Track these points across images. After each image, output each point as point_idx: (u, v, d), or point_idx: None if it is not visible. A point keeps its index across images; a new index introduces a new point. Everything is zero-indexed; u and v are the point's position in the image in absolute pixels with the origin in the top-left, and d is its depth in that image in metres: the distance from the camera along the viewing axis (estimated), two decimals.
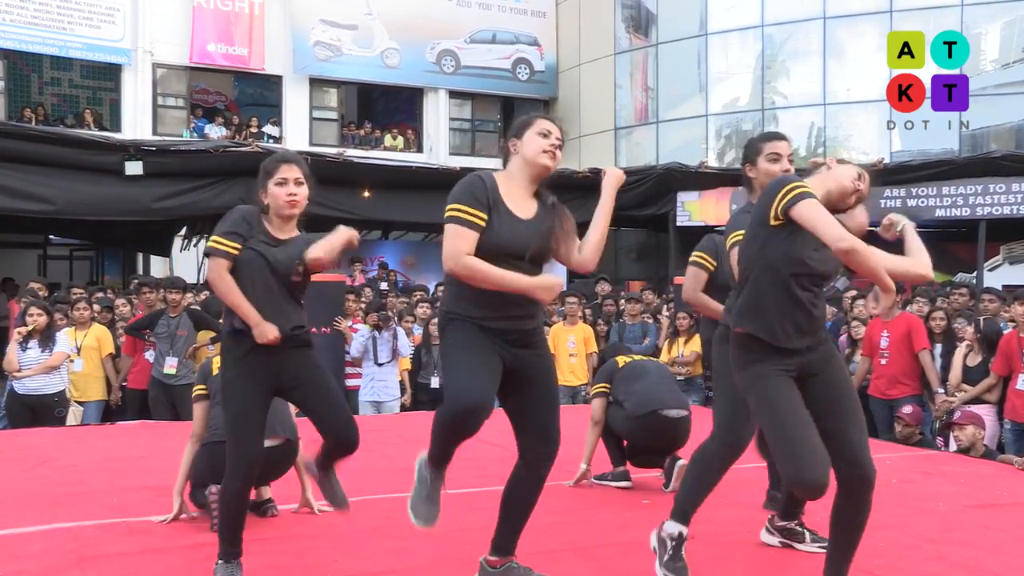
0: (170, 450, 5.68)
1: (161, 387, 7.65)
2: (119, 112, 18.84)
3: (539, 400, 3.09)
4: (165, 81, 19.40)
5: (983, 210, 12.97)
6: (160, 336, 7.70)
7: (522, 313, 3.04)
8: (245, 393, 3.19)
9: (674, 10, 19.73)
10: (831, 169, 3.14)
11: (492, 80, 21.90)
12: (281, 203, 3.42)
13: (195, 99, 19.86)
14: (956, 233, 15.51)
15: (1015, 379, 6.46)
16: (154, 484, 4.77)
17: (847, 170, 3.14)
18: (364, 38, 20.40)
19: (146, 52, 18.63)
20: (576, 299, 9.22)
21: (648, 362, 5.13)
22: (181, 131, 18.92)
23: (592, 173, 15.10)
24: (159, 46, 18.77)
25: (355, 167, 13.42)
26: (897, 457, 5.92)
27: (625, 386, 4.90)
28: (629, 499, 4.69)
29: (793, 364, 3.00)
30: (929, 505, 4.63)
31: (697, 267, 4.23)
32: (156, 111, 19.10)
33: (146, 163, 11.52)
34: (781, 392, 2.94)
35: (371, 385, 8.15)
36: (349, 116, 21.72)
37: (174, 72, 19.41)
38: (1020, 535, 4.17)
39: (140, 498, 4.59)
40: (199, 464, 4.14)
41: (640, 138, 20.72)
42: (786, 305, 2.97)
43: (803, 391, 3.00)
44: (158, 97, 19.20)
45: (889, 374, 7.15)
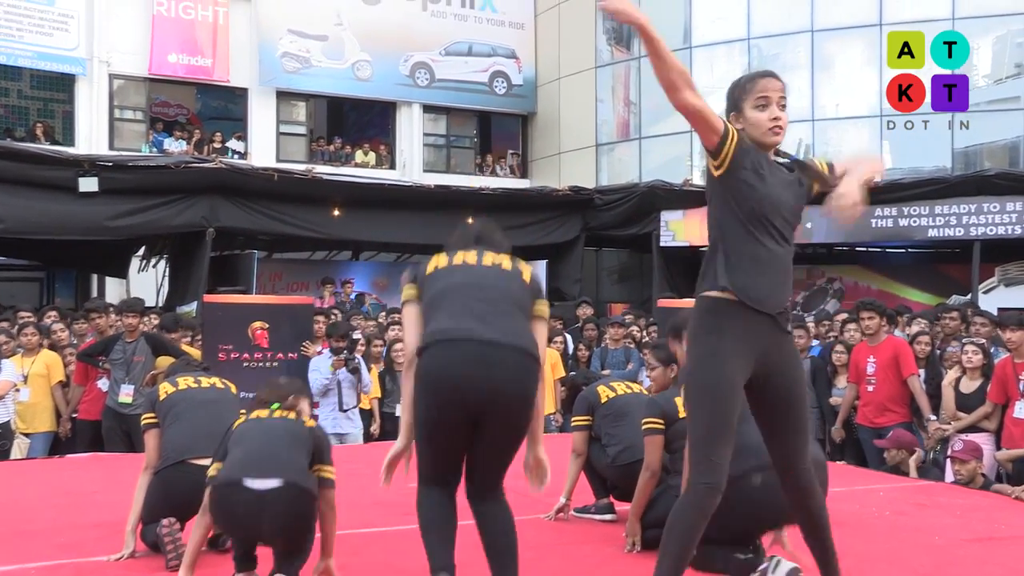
0: (125, 484, 5.60)
1: (116, 417, 7.55)
2: (73, 125, 18.72)
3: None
4: (122, 93, 19.31)
5: (977, 230, 13.13)
6: (115, 362, 7.61)
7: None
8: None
9: (657, 22, 19.12)
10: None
11: (468, 94, 21.99)
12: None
13: (155, 112, 19.79)
14: (950, 254, 15.71)
15: (1012, 407, 6.52)
16: (107, 520, 4.70)
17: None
18: (334, 49, 20.44)
19: (102, 62, 18.54)
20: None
21: (632, 398, 5.03)
22: (140, 145, 18.83)
23: (572, 191, 15.19)
24: (116, 55, 18.68)
25: (324, 184, 13.39)
26: (891, 488, 5.95)
27: (608, 427, 4.86)
28: (612, 532, 4.67)
29: (756, 345, 3.04)
30: (924, 538, 4.65)
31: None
32: (113, 124, 19.00)
33: (102, 179, 11.41)
34: (724, 384, 3.01)
35: (332, 416, 8.05)
36: (318, 131, 21.70)
37: (132, 83, 19.33)
38: (1018, 570, 4.19)
39: (91, 536, 4.52)
40: (152, 497, 4.08)
41: (622, 154, 20.85)
42: (755, 261, 3.05)
43: (759, 389, 3.12)
44: (115, 109, 19.10)
45: (877, 401, 7.19)
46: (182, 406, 4.26)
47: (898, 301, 14.19)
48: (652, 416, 4.32)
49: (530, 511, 3.27)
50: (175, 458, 4.09)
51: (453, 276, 3.34)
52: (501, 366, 3.10)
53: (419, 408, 3.18)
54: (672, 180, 15.48)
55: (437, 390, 3.12)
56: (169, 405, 4.27)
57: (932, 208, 13.42)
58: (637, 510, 4.33)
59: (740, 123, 3.22)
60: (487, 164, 22.61)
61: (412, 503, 3.27)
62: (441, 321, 3.19)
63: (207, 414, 4.19)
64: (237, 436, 3.62)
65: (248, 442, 3.55)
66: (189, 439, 4.10)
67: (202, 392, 4.40)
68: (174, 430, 4.18)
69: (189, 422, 4.18)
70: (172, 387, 4.38)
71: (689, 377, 3.14)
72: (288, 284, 15.72)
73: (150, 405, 4.31)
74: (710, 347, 3.04)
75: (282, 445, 3.57)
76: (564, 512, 4.94)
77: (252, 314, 8.28)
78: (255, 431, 3.61)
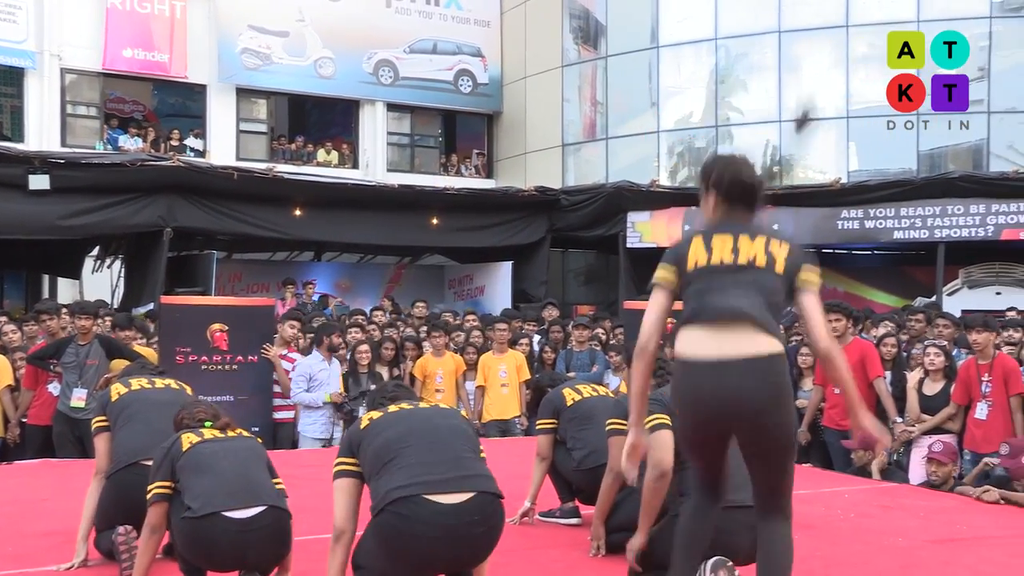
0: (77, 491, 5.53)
1: (67, 422, 7.45)
2: (22, 120, 18.40)
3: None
4: (75, 88, 19.04)
5: (942, 232, 13.37)
6: (67, 366, 7.50)
7: None
8: None
9: (624, 21, 20.04)
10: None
11: (433, 92, 21.96)
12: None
13: (109, 108, 19.55)
14: (915, 256, 15.96)
15: (974, 408, 6.64)
16: (58, 529, 4.64)
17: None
18: (296, 46, 20.31)
19: (53, 55, 18.27)
20: (506, 325, 9.22)
21: (598, 401, 5.03)
22: (94, 142, 18.57)
23: (538, 192, 15.23)
24: (68, 49, 18.42)
25: (286, 183, 13.31)
26: (856, 491, 6.04)
27: (574, 431, 4.86)
28: (578, 537, 4.69)
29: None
30: (889, 541, 4.72)
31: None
32: (65, 120, 18.72)
33: (53, 177, 11.26)
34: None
35: (322, 419, 8.08)
36: (279, 129, 21.56)
37: (85, 78, 19.07)
38: (981, 571, 4.28)
39: (41, 545, 4.46)
40: (104, 502, 4.01)
41: (589, 155, 20.94)
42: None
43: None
44: (67, 105, 18.83)
45: (843, 404, 7.22)
46: (135, 407, 4.17)
47: (864, 303, 14.39)
48: (618, 417, 4.33)
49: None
50: (127, 460, 4.01)
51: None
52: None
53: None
54: (639, 181, 15.58)
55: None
56: (121, 407, 4.18)
57: (898, 210, 13.64)
58: (601, 514, 4.35)
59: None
60: (452, 164, 22.60)
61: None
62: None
63: (160, 416, 4.06)
64: (196, 461, 3.47)
65: (217, 469, 3.44)
66: (142, 440, 3.99)
67: (156, 393, 4.30)
68: (126, 432, 4.08)
69: (143, 423, 4.08)
70: (124, 388, 4.29)
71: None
72: (248, 285, 15.59)
73: (101, 408, 4.23)
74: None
75: (252, 467, 3.52)
76: (529, 516, 4.96)
77: (211, 316, 8.21)
78: (220, 455, 3.50)
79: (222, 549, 3.36)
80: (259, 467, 3.55)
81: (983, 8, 16.99)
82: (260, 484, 3.47)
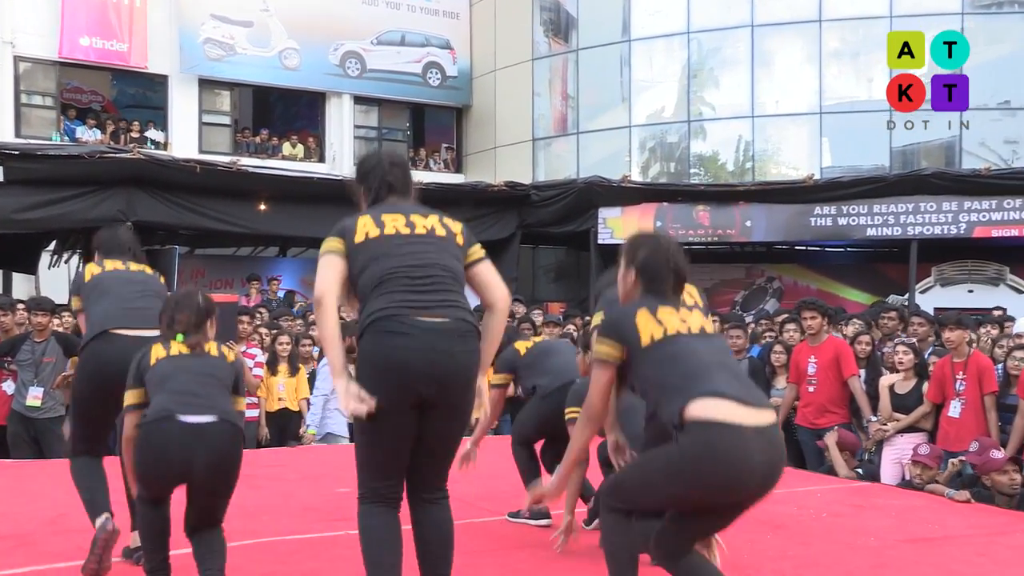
0: (32, 493, 5.47)
1: (22, 421, 7.34)
2: None
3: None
4: (30, 77, 18.77)
5: (914, 229, 13.55)
6: (23, 364, 7.39)
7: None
8: None
9: (596, 14, 20.10)
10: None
11: (401, 85, 21.89)
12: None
13: (66, 98, 19.29)
14: (888, 253, 16.16)
15: (947, 406, 6.73)
16: (11, 532, 4.56)
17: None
18: (260, 36, 20.16)
19: (6, 43, 17.99)
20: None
21: (556, 342, 4.98)
22: (50, 133, 18.32)
23: (508, 187, 15.24)
24: (22, 36, 18.15)
25: (250, 177, 13.22)
26: (828, 490, 6.10)
27: (533, 370, 4.85)
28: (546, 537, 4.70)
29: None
30: (860, 540, 4.77)
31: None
32: (19, 110, 18.45)
33: (7, 168, 11.13)
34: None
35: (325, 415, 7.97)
36: (243, 121, 21.39)
37: (40, 67, 18.80)
38: (951, 569, 4.34)
39: None
40: (80, 377, 4.06)
41: (559, 150, 20.98)
42: None
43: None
44: (21, 95, 18.55)
45: (817, 402, 7.35)
46: (107, 283, 4.22)
47: (837, 300, 14.56)
48: (575, 405, 4.27)
49: (464, 515, 3.26)
50: (97, 330, 4.04)
51: (390, 255, 3.15)
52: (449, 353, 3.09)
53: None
54: (610, 176, 15.65)
55: (386, 376, 3.06)
56: (94, 284, 4.23)
57: (871, 207, 13.81)
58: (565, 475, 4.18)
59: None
60: (420, 158, 22.53)
61: (339, 508, 3.25)
62: (383, 303, 3.10)
63: (132, 292, 4.17)
64: (160, 375, 3.57)
65: (174, 382, 3.54)
66: (112, 312, 4.06)
67: (129, 273, 4.36)
68: (97, 306, 4.13)
69: (114, 296, 4.15)
70: (98, 268, 4.34)
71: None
72: (211, 281, 15.46)
73: (76, 289, 4.29)
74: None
75: (211, 385, 3.59)
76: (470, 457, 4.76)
77: None
78: (180, 371, 3.58)
79: (171, 453, 3.40)
80: (215, 385, 3.61)
81: (955, 5, 17.21)
82: (214, 398, 3.55)
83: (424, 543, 3.20)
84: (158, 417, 3.44)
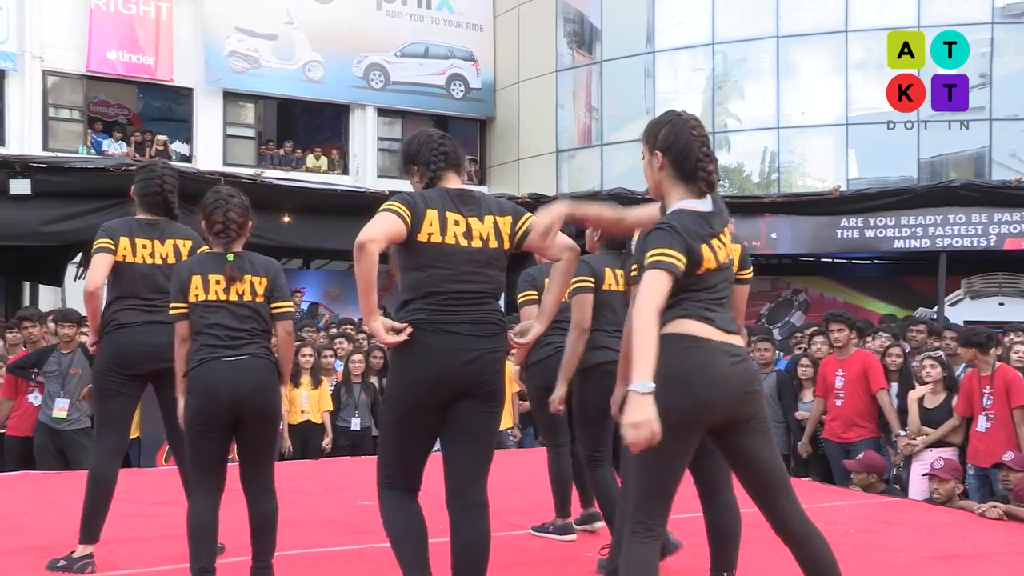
0: (57, 504, 5.51)
1: (49, 433, 7.40)
2: (2, 124, 18.39)
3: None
4: (58, 90, 19.02)
5: (943, 242, 13.40)
6: (49, 375, 7.47)
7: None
8: None
9: (619, 25, 20.11)
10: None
11: (424, 97, 21.99)
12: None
13: (93, 111, 19.53)
14: (916, 266, 16.02)
15: (976, 421, 6.65)
16: (36, 543, 4.60)
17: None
18: (284, 49, 20.33)
19: (35, 57, 18.26)
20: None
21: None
22: (77, 147, 18.55)
23: (532, 199, 15.21)
24: (50, 51, 18.41)
25: (274, 189, 13.28)
26: (855, 505, 6.03)
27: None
28: (571, 552, 4.68)
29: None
30: (889, 557, 4.72)
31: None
32: (47, 124, 18.71)
33: (35, 181, 11.21)
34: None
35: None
36: (267, 134, 21.56)
37: (68, 81, 19.05)
38: None
39: (19, 562, 4.41)
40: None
41: (583, 162, 20.98)
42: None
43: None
44: (49, 108, 18.82)
45: (845, 416, 7.29)
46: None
47: (864, 313, 14.43)
48: (581, 275, 4.28)
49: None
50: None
51: (442, 272, 3.26)
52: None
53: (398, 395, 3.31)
54: (635, 188, 15.59)
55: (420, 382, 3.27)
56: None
57: (898, 219, 13.68)
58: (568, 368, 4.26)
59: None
60: None
61: (362, 521, 3.26)
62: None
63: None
64: (202, 317, 3.85)
65: (216, 326, 3.84)
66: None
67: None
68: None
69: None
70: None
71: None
72: None
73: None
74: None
75: (248, 325, 3.91)
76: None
77: None
78: (221, 315, 3.87)
79: (220, 387, 3.72)
80: (256, 326, 3.93)
81: (984, 14, 17.09)
82: (244, 339, 3.87)
83: (459, 554, 3.27)
84: (202, 360, 3.79)
